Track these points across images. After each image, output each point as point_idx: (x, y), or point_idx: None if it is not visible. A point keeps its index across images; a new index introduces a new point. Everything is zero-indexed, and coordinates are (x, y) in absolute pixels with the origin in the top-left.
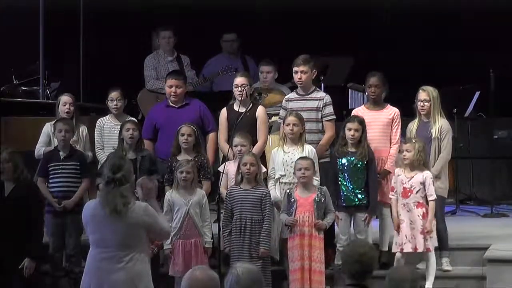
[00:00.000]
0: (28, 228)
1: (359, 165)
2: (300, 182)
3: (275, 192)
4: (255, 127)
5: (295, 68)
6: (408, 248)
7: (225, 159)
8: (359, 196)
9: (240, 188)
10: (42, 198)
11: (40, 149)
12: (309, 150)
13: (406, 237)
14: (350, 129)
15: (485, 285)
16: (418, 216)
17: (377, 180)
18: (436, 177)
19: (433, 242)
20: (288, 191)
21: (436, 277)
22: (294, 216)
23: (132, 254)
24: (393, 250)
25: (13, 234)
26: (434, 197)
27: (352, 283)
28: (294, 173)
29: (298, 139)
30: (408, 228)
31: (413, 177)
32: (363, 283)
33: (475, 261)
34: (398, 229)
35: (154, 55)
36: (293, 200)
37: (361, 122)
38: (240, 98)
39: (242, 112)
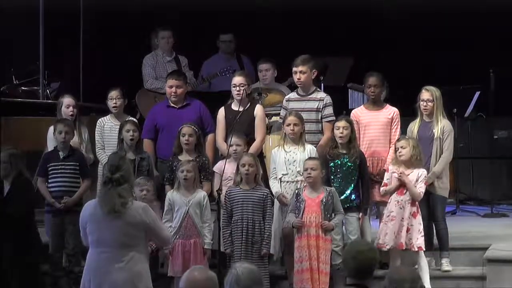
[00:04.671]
0: (23, 228)
1: (351, 167)
2: (307, 182)
3: (278, 186)
4: (253, 126)
5: (294, 69)
6: (393, 244)
7: (222, 158)
8: (351, 197)
9: (240, 188)
10: (37, 197)
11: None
12: (310, 149)
13: (394, 234)
14: (338, 128)
15: (485, 285)
16: (410, 214)
17: (369, 180)
18: (438, 177)
19: (420, 242)
20: (296, 190)
21: (436, 277)
22: (302, 216)
23: (131, 254)
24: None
25: (10, 234)
26: (421, 196)
27: (352, 283)
28: (300, 172)
29: (298, 138)
30: (397, 226)
31: (409, 174)
32: (363, 283)
33: (475, 261)
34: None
35: (152, 55)
36: (301, 200)
37: (349, 121)
38: (238, 98)
39: (240, 111)
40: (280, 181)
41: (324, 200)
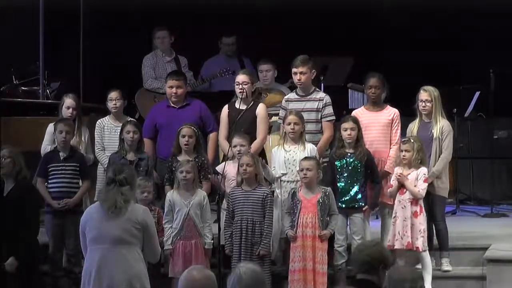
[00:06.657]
0: (21, 228)
1: (358, 166)
2: (302, 182)
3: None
4: (255, 125)
5: (294, 70)
6: (398, 245)
7: (225, 157)
8: (357, 197)
9: (242, 189)
10: (40, 199)
11: (46, 147)
12: (310, 148)
13: (399, 234)
14: (346, 129)
15: (485, 285)
16: (412, 213)
17: (380, 177)
18: (437, 177)
19: (423, 242)
20: (292, 191)
21: (436, 277)
22: (298, 217)
23: (130, 253)
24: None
25: (9, 234)
26: (422, 194)
27: (360, 277)
28: (298, 172)
29: (298, 137)
30: (401, 225)
31: (409, 174)
32: (370, 279)
33: (475, 261)
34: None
35: (152, 55)
36: (297, 200)
37: (356, 121)
38: (241, 96)
39: (243, 110)
40: (280, 181)
41: (320, 200)
